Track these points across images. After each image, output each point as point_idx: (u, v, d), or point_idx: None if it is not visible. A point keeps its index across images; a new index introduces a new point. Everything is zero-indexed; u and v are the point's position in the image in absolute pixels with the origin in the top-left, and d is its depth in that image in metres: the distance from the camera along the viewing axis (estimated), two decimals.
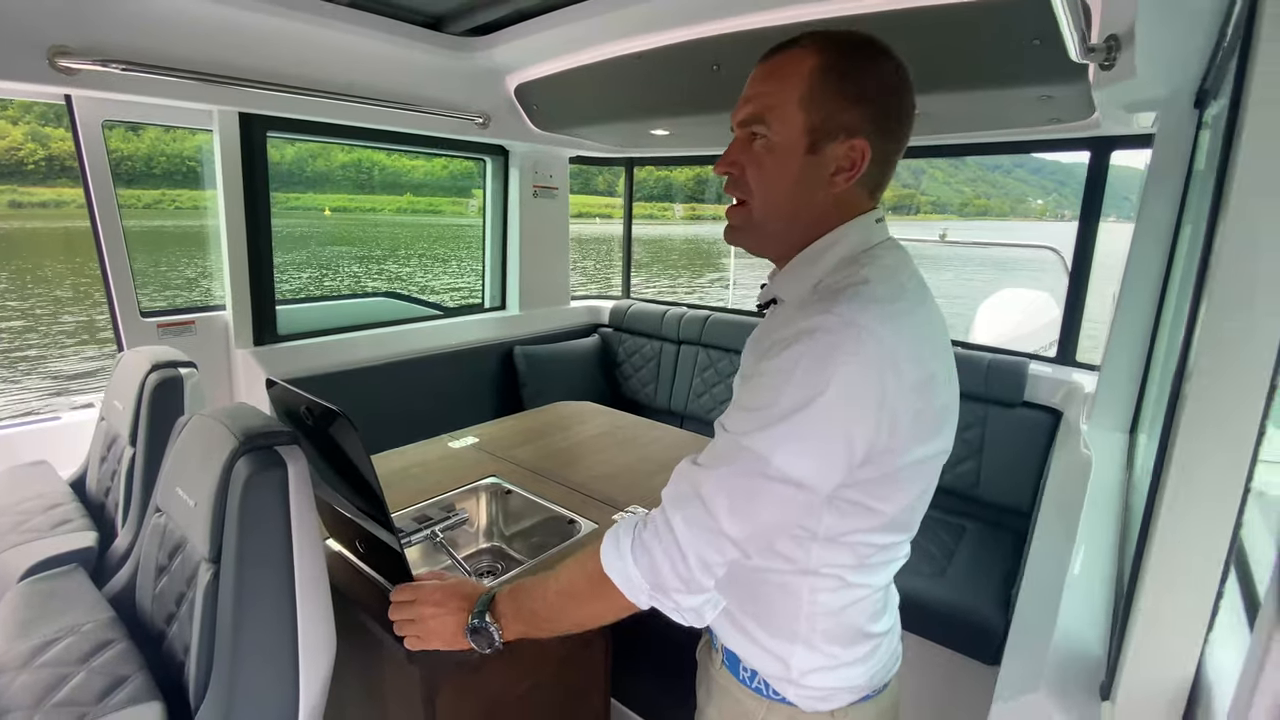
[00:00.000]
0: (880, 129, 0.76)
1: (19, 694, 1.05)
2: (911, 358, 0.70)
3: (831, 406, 0.67)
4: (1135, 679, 0.71)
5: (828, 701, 0.85)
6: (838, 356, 0.67)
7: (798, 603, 0.81)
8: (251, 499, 1.04)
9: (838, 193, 0.78)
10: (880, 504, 0.76)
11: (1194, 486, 0.65)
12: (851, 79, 0.75)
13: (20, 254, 25.20)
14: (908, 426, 0.71)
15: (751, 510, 0.70)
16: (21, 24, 1.68)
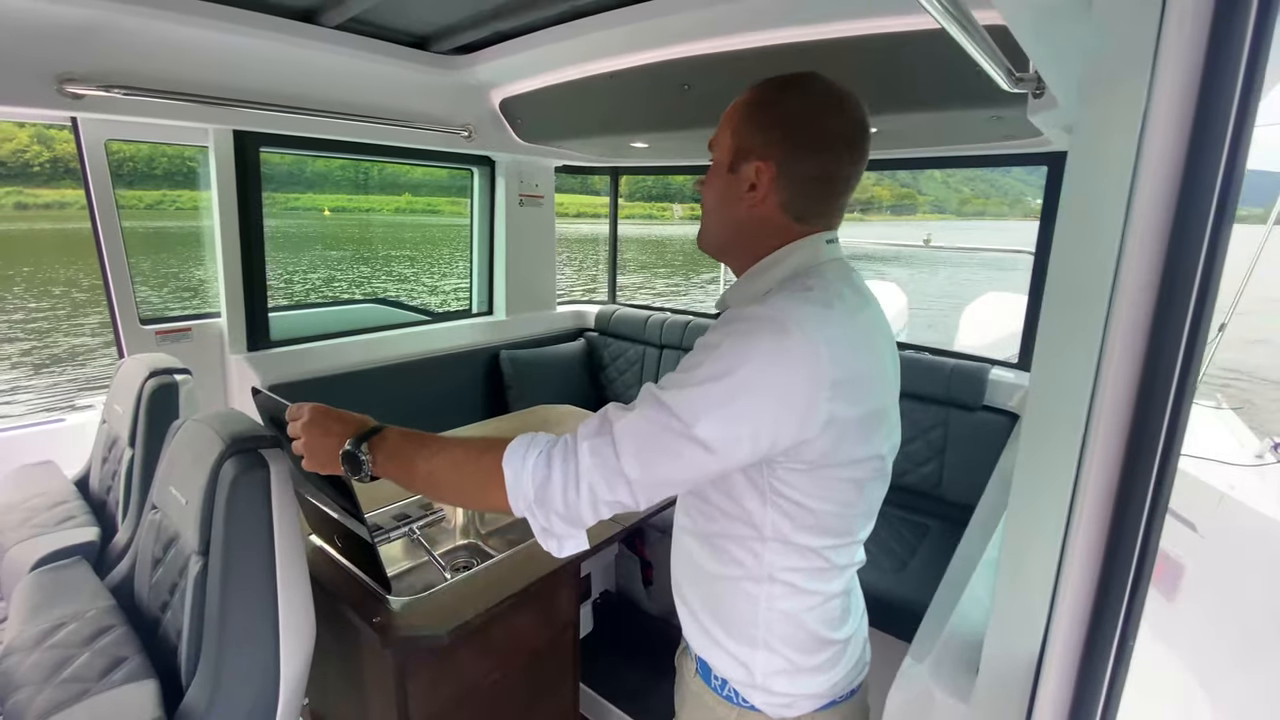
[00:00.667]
0: (788, 152, 0.82)
1: (29, 672, 1.16)
2: (833, 358, 0.73)
3: (745, 383, 0.71)
4: (994, 653, 0.80)
5: (792, 708, 0.89)
6: (760, 341, 0.72)
7: (755, 608, 0.86)
8: (237, 497, 1.15)
9: (755, 211, 0.85)
10: (812, 501, 0.80)
11: (1032, 483, 0.73)
12: (766, 109, 0.84)
13: (31, 256, 25.28)
14: (825, 424, 0.74)
15: (652, 457, 0.73)
16: (30, 52, 1.79)
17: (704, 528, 0.89)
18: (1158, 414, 0.48)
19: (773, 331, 0.73)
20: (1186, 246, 0.46)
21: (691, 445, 0.72)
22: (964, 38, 0.92)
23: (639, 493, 0.75)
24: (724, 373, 0.72)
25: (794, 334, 0.72)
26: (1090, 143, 0.67)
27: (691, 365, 0.75)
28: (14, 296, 15.48)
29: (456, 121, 2.79)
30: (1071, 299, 0.68)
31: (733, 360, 0.72)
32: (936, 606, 1.16)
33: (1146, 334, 0.48)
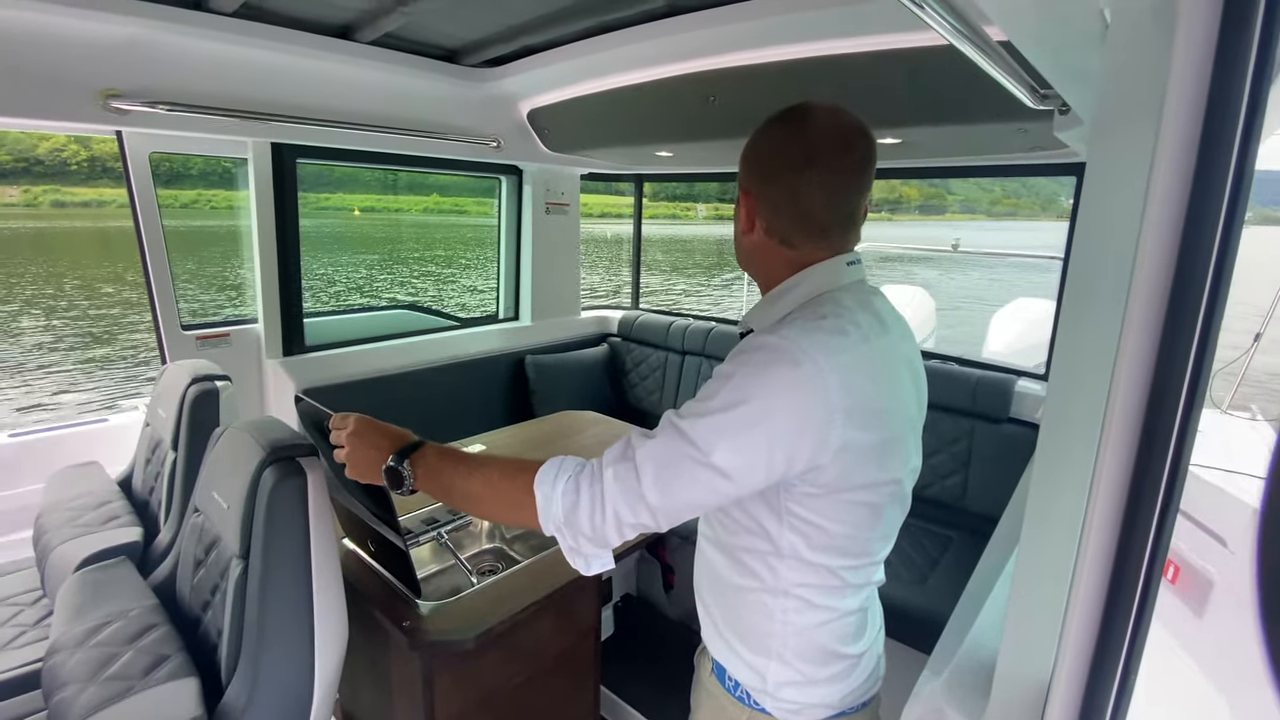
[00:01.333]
0: (759, 179, 0.87)
1: (76, 669, 1.22)
2: (844, 386, 0.75)
3: (758, 412, 0.74)
4: (1005, 678, 0.80)
5: (801, 715, 0.92)
6: (775, 370, 0.75)
7: (770, 621, 0.88)
8: (276, 503, 1.19)
9: (753, 240, 0.90)
10: (827, 522, 0.82)
11: (1045, 506, 0.74)
12: (749, 146, 0.89)
13: (77, 253, 26.06)
14: (838, 450, 0.77)
15: (671, 483, 0.76)
16: (78, 71, 1.87)
17: (725, 539, 0.92)
18: (1166, 427, 0.49)
19: (783, 362, 0.75)
20: (1195, 262, 0.47)
21: (709, 472, 0.75)
22: (984, 60, 0.92)
23: (660, 516, 0.79)
24: (738, 402, 0.75)
25: (804, 365, 0.74)
26: (1104, 172, 0.68)
27: (708, 395, 0.78)
28: (66, 295, 16.06)
29: (486, 132, 2.84)
30: (1087, 314, 0.69)
31: (746, 390, 0.75)
32: (955, 622, 1.16)
33: (1156, 346, 0.49)
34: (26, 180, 43.11)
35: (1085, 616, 0.53)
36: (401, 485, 0.93)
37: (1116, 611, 0.50)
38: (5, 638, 1.61)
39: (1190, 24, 0.44)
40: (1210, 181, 0.45)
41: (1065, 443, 0.70)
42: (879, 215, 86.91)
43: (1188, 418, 0.47)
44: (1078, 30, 0.82)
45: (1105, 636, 0.52)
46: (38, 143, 41.74)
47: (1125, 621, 0.50)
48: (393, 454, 0.93)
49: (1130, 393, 0.49)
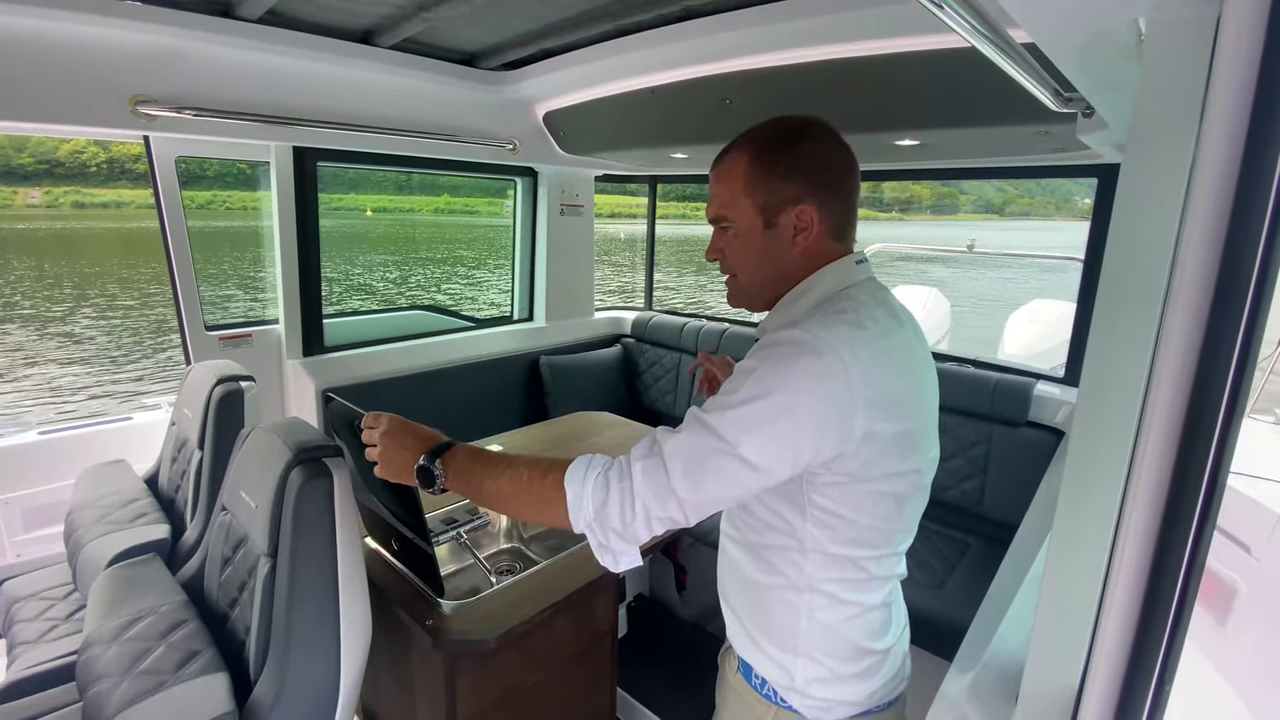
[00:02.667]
0: (819, 189, 0.89)
1: (109, 664, 1.25)
2: (865, 377, 0.77)
3: (784, 402, 0.76)
4: (1033, 687, 0.81)
5: (830, 713, 0.92)
6: (798, 362, 0.77)
7: (797, 618, 0.90)
8: (303, 503, 1.22)
9: (808, 249, 0.91)
10: (851, 513, 0.84)
11: (1076, 513, 0.74)
12: (781, 162, 0.89)
13: (105, 253, 26.45)
14: (861, 439, 0.79)
15: (700, 477, 0.78)
16: (107, 77, 1.91)
17: (748, 538, 0.93)
18: (1206, 433, 0.48)
19: (806, 353, 0.77)
20: (1238, 272, 0.47)
21: (736, 463, 0.77)
22: (1009, 65, 0.92)
23: (689, 510, 0.80)
24: (763, 394, 0.77)
25: (827, 356, 0.77)
26: (1140, 180, 0.68)
27: (732, 390, 0.80)
28: (107, 295, 16.35)
29: (502, 135, 2.86)
30: (1119, 320, 0.69)
31: (770, 383, 0.77)
32: (978, 628, 1.16)
33: (1196, 354, 0.49)
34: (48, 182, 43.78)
35: (1120, 626, 0.53)
36: (433, 484, 0.94)
37: (1152, 622, 0.51)
38: (40, 631, 1.65)
39: (1233, 34, 0.44)
40: (1254, 191, 0.45)
41: (1097, 449, 0.71)
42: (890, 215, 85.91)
43: (1228, 428, 0.47)
44: (1109, 40, 0.82)
45: (1140, 647, 0.52)
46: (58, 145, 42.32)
47: (1161, 632, 0.50)
48: (424, 454, 0.95)
49: (1169, 401, 0.49)
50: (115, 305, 15.26)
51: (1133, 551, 0.52)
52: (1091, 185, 2.44)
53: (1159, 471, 0.51)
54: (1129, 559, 0.53)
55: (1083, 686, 0.74)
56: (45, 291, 16.70)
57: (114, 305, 15.26)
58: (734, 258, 0.95)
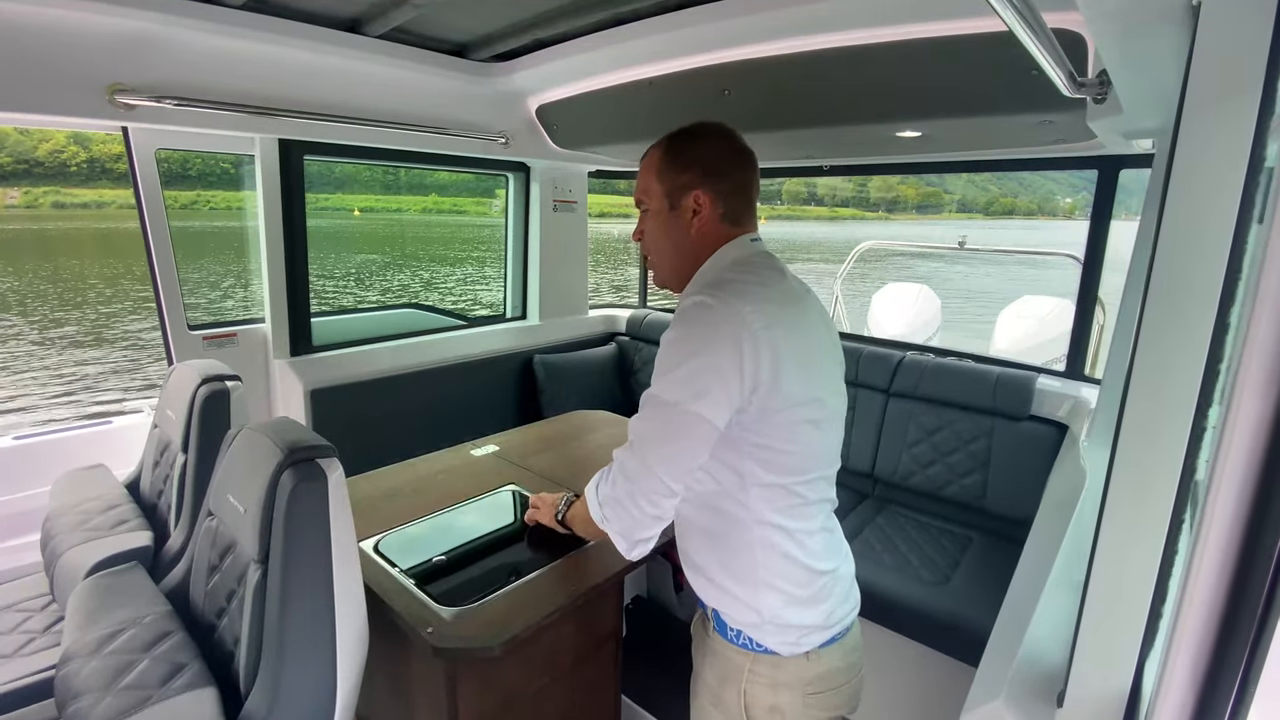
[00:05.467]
0: (710, 178, 1.09)
1: (90, 678, 1.18)
2: (757, 312, 0.94)
3: (709, 354, 0.93)
4: (1080, 688, 0.78)
5: (800, 645, 1.05)
6: (704, 319, 0.95)
7: (752, 551, 1.03)
8: (296, 507, 1.16)
9: (701, 229, 1.10)
10: (780, 444, 0.99)
11: (1127, 509, 0.71)
12: (681, 154, 1.10)
13: (92, 253, 26.06)
14: (773, 373, 0.94)
15: (668, 444, 0.95)
16: (83, 64, 1.84)
17: (699, 495, 1.07)
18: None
19: (712, 310, 0.95)
20: None
21: (689, 417, 0.93)
22: (1032, 42, 0.89)
23: (670, 478, 0.96)
24: (691, 355, 0.94)
25: (728, 307, 0.94)
26: (1197, 151, 0.65)
27: (665, 360, 0.97)
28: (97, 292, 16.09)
29: (494, 128, 2.80)
30: (1177, 310, 0.66)
31: (693, 344, 0.95)
32: (1003, 631, 1.14)
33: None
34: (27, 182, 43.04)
35: (1196, 630, 0.49)
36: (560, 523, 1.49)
37: (1237, 626, 0.47)
38: (15, 645, 1.57)
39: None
40: None
41: (1149, 449, 0.68)
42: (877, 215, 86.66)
43: None
44: (1155, 9, 0.78)
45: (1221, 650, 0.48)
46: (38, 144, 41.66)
47: (1245, 637, 0.46)
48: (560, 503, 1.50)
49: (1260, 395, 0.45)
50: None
51: (1214, 553, 0.48)
52: (1072, 185, 2.44)
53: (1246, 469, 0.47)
54: (1209, 562, 0.49)
55: (1137, 688, 0.71)
56: (86, 291, 16.49)
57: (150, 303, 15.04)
58: (650, 238, 1.16)
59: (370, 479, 1.90)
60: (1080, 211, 67.39)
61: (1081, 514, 1.51)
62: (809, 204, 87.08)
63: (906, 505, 2.69)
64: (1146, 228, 1.84)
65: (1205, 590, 0.49)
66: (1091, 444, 1.93)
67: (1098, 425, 1.96)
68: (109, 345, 12.04)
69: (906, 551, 2.35)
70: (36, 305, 15.23)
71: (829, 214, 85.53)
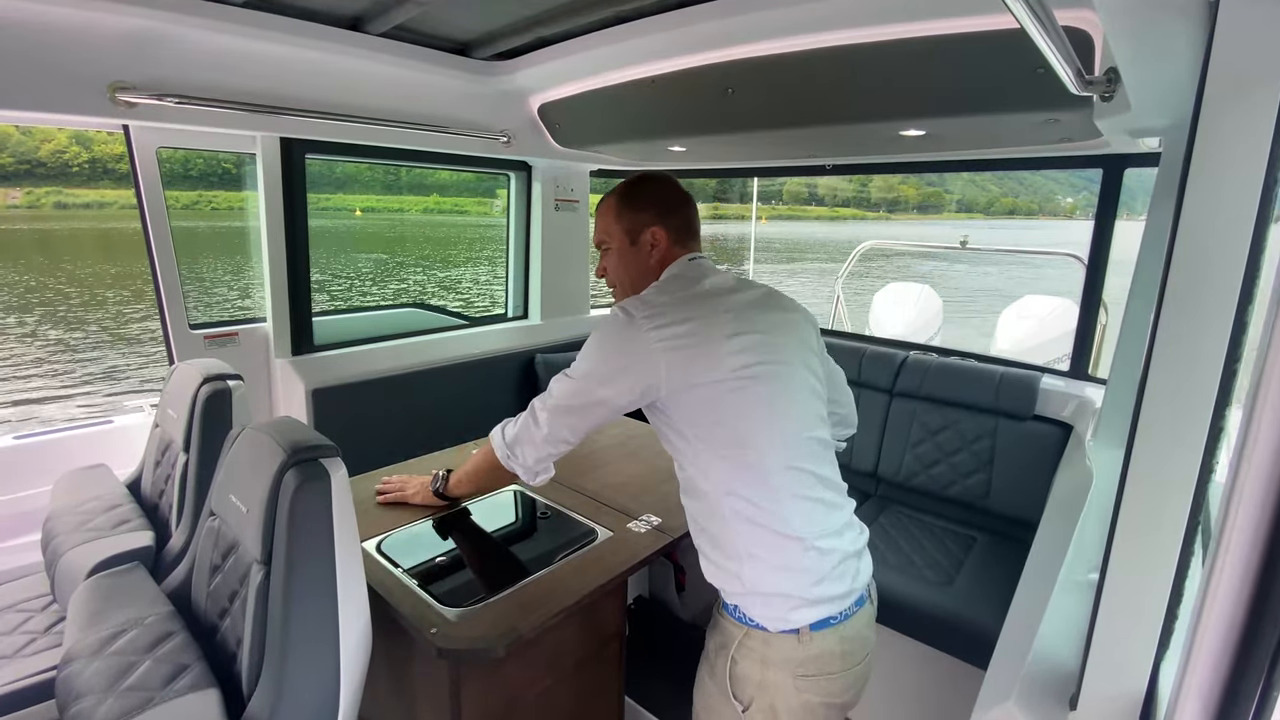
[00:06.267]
0: (662, 214, 1.30)
1: (92, 679, 1.17)
2: (653, 321, 1.10)
3: (613, 358, 1.12)
4: (1094, 691, 0.77)
5: (788, 621, 1.07)
6: (611, 326, 1.14)
7: (726, 522, 1.10)
8: (299, 507, 1.15)
9: (658, 259, 1.30)
10: (709, 421, 1.09)
11: (1143, 510, 0.70)
12: (636, 199, 1.32)
13: (88, 254, 26.10)
14: (669, 366, 1.08)
15: (572, 410, 1.18)
16: (85, 62, 1.83)
17: (684, 481, 1.19)
18: None
19: (614, 318, 1.14)
20: None
21: (595, 399, 1.15)
22: (1042, 38, 0.88)
23: (569, 434, 1.22)
24: (596, 352, 1.15)
25: (623, 318, 1.13)
26: (1216, 149, 0.64)
27: (585, 349, 1.17)
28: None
29: (495, 127, 2.79)
30: (1194, 310, 0.65)
31: (600, 346, 1.15)
32: (1012, 632, 1.13)
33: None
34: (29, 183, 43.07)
35: (1218, 633, 0.48)
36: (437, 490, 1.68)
37: (1260, 629, 0.46)
38: (15, 645, 1.56)
39: None
40: None
41: (1166, 449, 0.67)
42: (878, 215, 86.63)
43: None
44: (1170, 5, 0.77)
45: (1244, 657, 0.47)
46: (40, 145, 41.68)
47: (1269, 640, 0.45)
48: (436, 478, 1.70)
49: None
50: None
51: (1237, 553, 0.47)
52: (1073, 185, 2.43)
53: (1266, 470, 0.46)
54: (1230, 562, 0.48)
55: (1152, 691, 0.70)
56: (123, 291, 16.57)
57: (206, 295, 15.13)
58: (613, 271, 1.35)
59: (372, 479, 1.89)
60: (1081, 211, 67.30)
61: (1089, 514, 1.50)
62: (809, 204, 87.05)
63: (910, 505, 2.68)
64: (1155, 226, 1.83)
65: (1227, 592, 0.48)
66: (1098, 444, 1.92)
67: (1104, 425, 1.95)
68: (136, 343, 12.17)
69: (910, 552, 2.34)
70: (60, 302, 15.40)
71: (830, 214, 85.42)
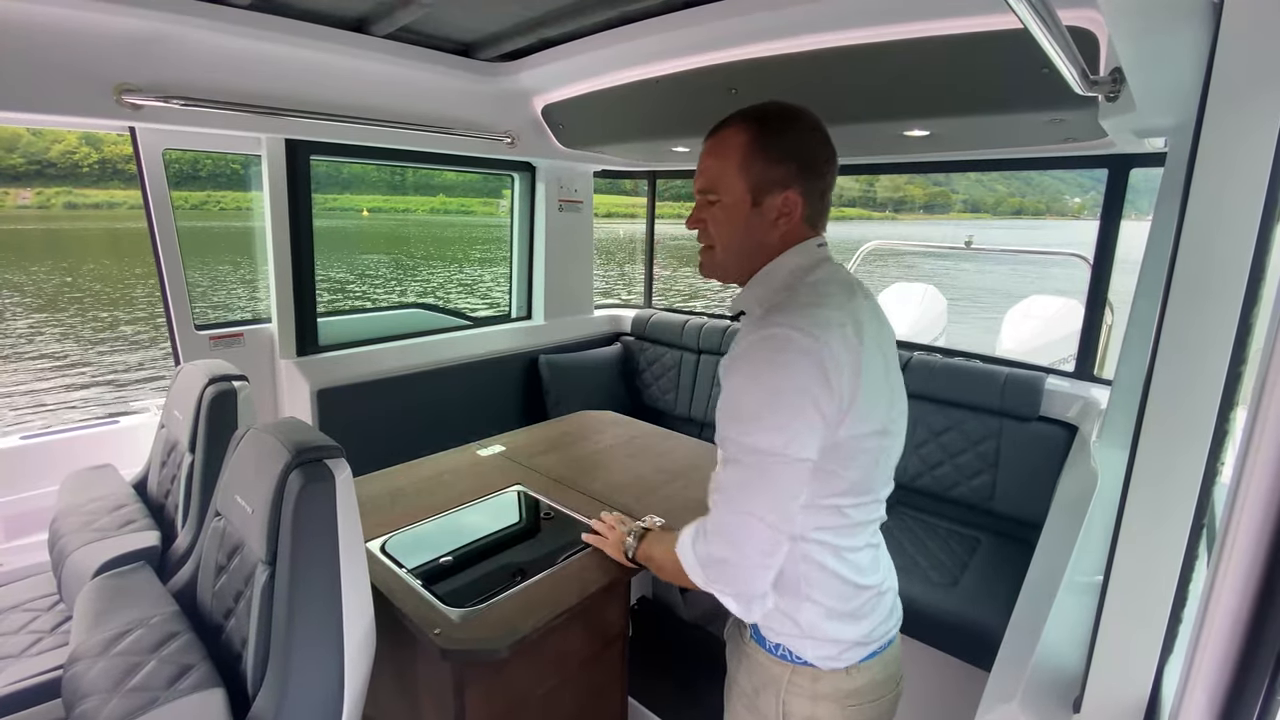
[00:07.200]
0: (805, 177, 0.98)
1: (98, 679, 1.18)
2: (844, 344, 0.89)
3: (792, 394, 0.87)
4: (1098, 694, 0.76)
5: (841, 660, 1.01)
6: (785, 353, 0.87)
7: (794, 565, 0.98)
8: (304, 508, 1.15)
9: (786, 232, 1.00)
10: (842, 469, 0.93)
11: (1148, 512, 0.70)
12: (775, 146, 0.97)
13: (94, 254, 26.30)
14: (851, 401, 0.89)
15: (764, 489, 0.89)
16: (91, 64, 1.84)
17: None
18: None
19: (789, 342, 0.87)
20: None
21: (786, 462, 0.87)
22: (1046, 39, 0.88)
23: (778, 524, 0.90)
24: (770, 396, 0.88)
25: (797, 339, 0.87)
26: (1220, 150, 0.63)
27: (740, 401, 0.91)
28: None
29: (499, 128, 2.80)
30: (1199, 311, 0.65)
31: (773, 382, 0.88)
32: (1016, 634, 1.12)
33: None
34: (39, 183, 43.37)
35: (1222, 637, 0.48)
36: (629, 557, 1.41)
37: (1263, 632, 0.45)
38: (22, 644, 1.57)
39: None
40: None
41: (1170, 451, 0.66)
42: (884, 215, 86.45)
43: None
44: (1175, 6, 0.77)
45: (1247, 661, 0.47)
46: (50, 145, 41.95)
47: (1273, 643, 0.45)
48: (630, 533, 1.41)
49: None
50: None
51: (1240, 555, 0.47)
52: (1080, 185, 2.42)
53: (1271, 472, 0.45)
54: (1234, 565, 0.47)
55: (1156, 694, 0.69)
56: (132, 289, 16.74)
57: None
58: (715, 230, 1.03)
59: (376, 479, 1.90)
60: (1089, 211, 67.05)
61: (1094, 516, 1.49)
62: None
63: (914, 506, 2.67)
64: (1160, 227, 1.82)
65: (1231, 595, 0.48)
66: (1103, 445, 1.91)
67: (1110, 426, 1.94)
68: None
69: (914, 553, 2.33)
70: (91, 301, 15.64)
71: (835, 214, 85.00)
